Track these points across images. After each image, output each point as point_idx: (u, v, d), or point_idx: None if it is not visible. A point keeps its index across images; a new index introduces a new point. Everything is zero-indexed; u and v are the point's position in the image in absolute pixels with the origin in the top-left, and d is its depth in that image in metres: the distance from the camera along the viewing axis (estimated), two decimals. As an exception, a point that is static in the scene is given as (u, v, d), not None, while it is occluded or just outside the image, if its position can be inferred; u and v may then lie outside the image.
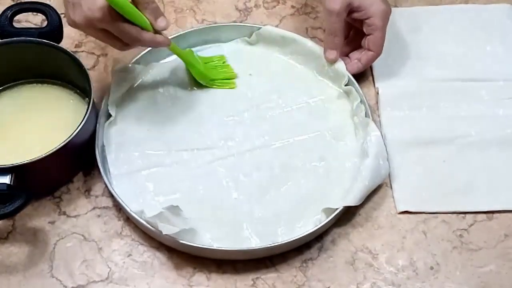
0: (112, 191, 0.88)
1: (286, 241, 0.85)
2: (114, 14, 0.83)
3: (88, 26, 0.85)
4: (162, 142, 0.96)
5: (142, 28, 0.87)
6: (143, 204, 0.89)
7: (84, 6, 0.83)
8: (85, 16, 0.83)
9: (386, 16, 0.97)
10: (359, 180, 0.89)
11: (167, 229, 0.83)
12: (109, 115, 0.96)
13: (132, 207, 0.87)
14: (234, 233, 0.88)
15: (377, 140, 0.92)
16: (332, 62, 1.00)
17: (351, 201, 0.88)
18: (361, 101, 0.97)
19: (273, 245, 0.84)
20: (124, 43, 0.88)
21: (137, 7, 0.86)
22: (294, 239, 0.85)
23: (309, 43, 1.02)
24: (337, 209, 0.87)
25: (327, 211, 0.88)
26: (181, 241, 0.84)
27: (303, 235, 0.85)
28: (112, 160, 0.94)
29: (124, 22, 0.85)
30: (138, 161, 0.94)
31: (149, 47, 0.99)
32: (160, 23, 0.88)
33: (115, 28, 0.85)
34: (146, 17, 0.87)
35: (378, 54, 0.99)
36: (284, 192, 0.92)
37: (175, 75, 1.02)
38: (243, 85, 1.02)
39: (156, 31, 0.89)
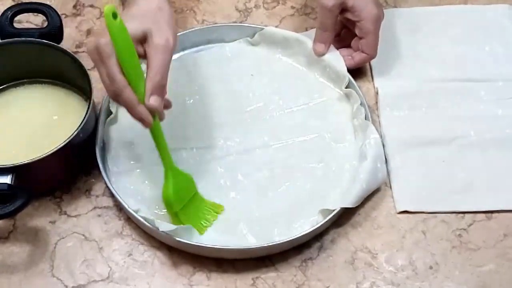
0: (111, 188, 0.89)
1: (283, 241, 0.85)
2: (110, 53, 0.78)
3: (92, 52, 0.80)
4: (162, 140, 0.96)
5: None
6: (141, 201, 0.90)
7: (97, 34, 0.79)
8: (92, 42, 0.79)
9: (378, 20, 0.97)
10: (357, 183, 0.89)
11: (164, 226, 0.84)
12: (110, 113, 0.96)
13: (130, 204, 0.87)
14: (231, 232, 0.88)
15: (376, 143, 0.92)
16: (319, 54, 1.00)
17: (348, 203, 0.88)
18: (361, 104, 0.97)
19: (270, 244, 0.84)
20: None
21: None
22: (291, 238, 0.85)
23: (311, 45, 1.02)
24: (334, 210, 0.87)
25: (325, 212, 0.88)
26: (178, 239, 0.84)
27: (300, 235, 0.85)
28: (112, 157, 0.94)
29: (117, 67, 0.78)
30: (138, 158, 0.94)
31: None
32: (152, 101, 0.79)
33: (105, 69, 0.79)
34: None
35: (372, 56, 1.00)
36: (282, 192, 0.92)
37: (177, 74, 1.02)
38: (244, 86, 1.02)
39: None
